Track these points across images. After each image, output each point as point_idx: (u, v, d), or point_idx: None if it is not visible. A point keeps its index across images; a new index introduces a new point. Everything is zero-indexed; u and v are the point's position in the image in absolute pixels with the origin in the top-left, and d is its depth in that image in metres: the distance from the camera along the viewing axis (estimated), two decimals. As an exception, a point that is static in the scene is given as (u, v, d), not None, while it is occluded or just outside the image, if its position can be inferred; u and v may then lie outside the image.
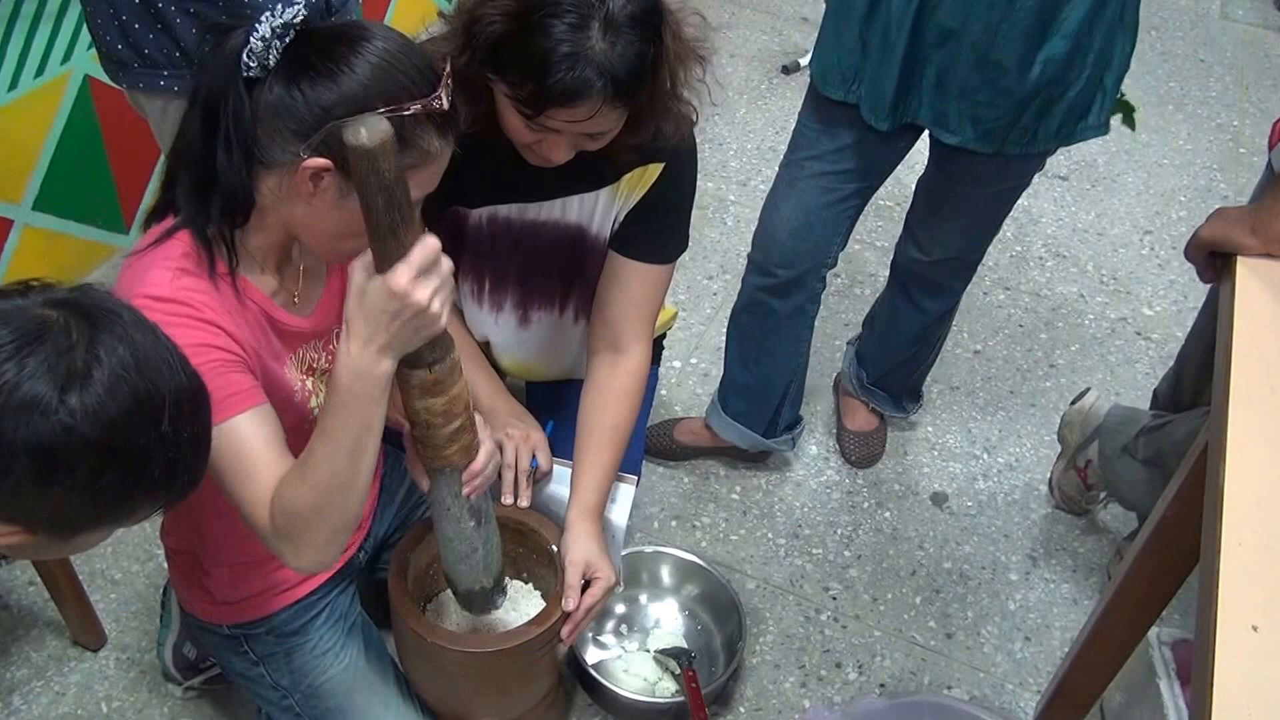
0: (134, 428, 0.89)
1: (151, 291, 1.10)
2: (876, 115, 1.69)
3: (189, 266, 1.12)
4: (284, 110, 1.06)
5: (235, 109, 1.06)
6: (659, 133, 1.39)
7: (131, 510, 0.96)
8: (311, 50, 1.07)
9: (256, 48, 1.04)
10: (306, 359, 1.29)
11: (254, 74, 1.06)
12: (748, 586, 2.03)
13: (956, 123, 1.67)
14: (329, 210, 1.11)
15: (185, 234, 1.13)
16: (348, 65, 1.06)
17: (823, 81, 1.73)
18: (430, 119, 1.09)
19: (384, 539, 1.61)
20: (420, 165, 1.11)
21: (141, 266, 1.13)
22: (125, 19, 1.56)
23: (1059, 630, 2.01)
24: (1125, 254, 2.91)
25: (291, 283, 1.25)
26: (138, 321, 0.93)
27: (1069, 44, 1.58)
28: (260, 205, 1.13)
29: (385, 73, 1.07)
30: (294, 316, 1.25)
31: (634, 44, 1.24)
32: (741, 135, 3.21)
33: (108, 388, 0.87)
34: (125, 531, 2.00)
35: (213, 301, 1.13)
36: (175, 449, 0.92)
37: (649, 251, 1.55)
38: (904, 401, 2.27)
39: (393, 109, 1.06)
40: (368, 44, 1.07)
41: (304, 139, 1.06)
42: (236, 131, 1.07)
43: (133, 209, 2.53)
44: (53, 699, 1.77)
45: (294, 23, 1.06)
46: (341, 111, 1.05)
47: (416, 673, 1.50)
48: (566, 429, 1.63)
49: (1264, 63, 3.79)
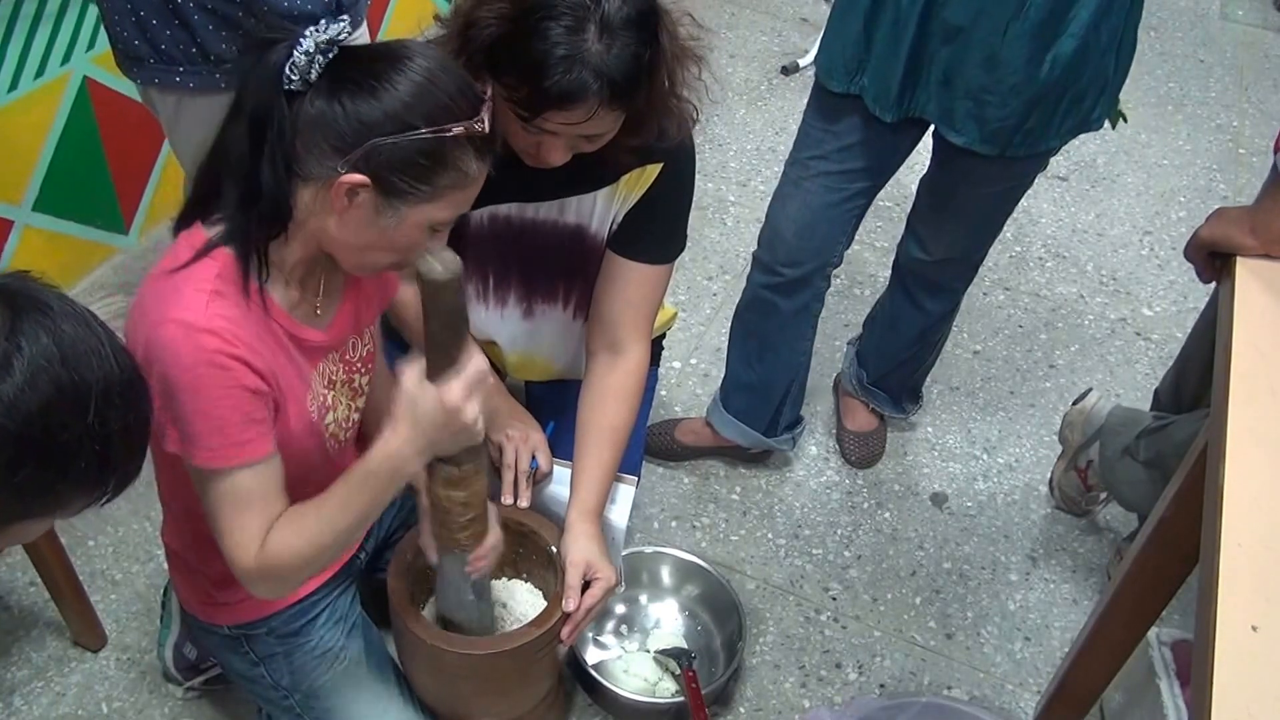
0: (56, 420, 0.86)
1: (185, 317, 1.10)
2: (881, 106, 1.69)
3: (223, 288, 1.12)
4: (324, 124, 1.07)
5: (279, 123, 1.07)
6: (662, 133, 1.39)
7: (60, 503, 0.92)
8: (354, 66, 1.08)
9: (300, 62, 1.05)
10: (326, 372, 1.30)
11: (295, 87, 1.06)
12: (748, 587, 2.04)
13: (962, 122, 1.67)
14: (362, 227, 1.12)
15: (221, 253, 1.13)
16: (389, 82, 1.07)
17: (827, 75, 1.73)
18: (470, 141, 1.10)
19: (384, 540, 1.61)
20: (458, 187, 1.12)
21: (173, 286, 1.12)
22: (143, 14, 1.56)
23: (1059, 630, 2.01)
24: (1125, 254, 2.91)
25: (313, 295, 1.25)
26: (68, 310, 0.90)
27: (1077, 42, 1.58)
28: (296, 219, 1.14)
29: (426, 91, 1.08)
30: (314, 331, 1.25)
31: (630, 46, 1.24)
32: (741, 136, 3.21)
33: (27, 378, 0.84)
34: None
35: (243, 331, 1.13)
36: (104, 442, 0.89)
37: (647, 251, 1.56)
38: (904, 402, 2.27)
39: (436, 130, 1.07)
40: (409, 62, 1.08)
41: (342, 154, 1.07)
42: (280, 145, 1.07)
43: (132, 209, 2.53)
44: (53, 699, 1.77)
45: (339, 39, 1.07)
46: (382, 129, 1.06)
47: (416, 673, 1.50)
48: (566, 429, 1.63)
49: (1263, 63, 3.79)
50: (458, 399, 1.09)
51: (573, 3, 1.22)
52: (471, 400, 1.10)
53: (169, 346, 1.09)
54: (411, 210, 1.11)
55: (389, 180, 1.09)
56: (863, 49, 1.67)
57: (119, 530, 2.02)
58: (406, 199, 1.10)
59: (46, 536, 1.66)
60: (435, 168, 1.09)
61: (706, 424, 2.20)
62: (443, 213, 1.14)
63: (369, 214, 1.11)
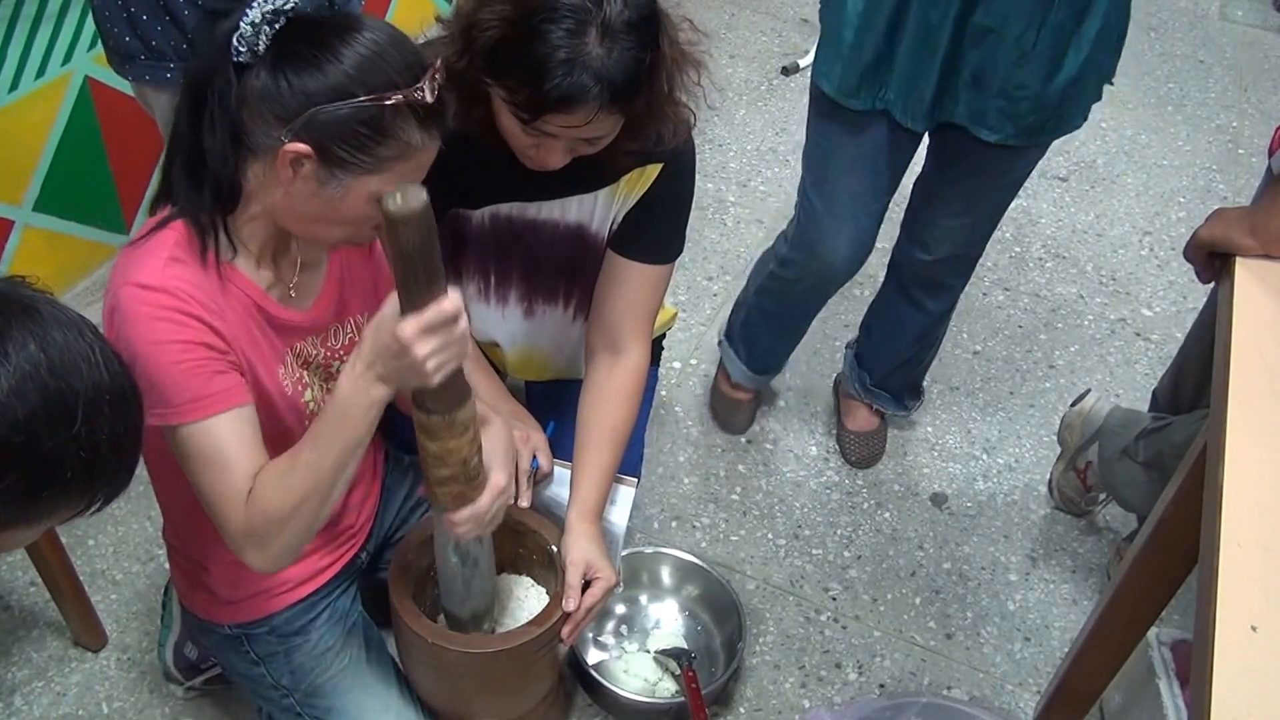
0: (42, 427, 0.85)
1: (141, 279, 1.11)
2: (913, 118, 1.69)
3: (180, 255, 1.14)
4: (269, 96, 1.07)
5: (222, 92, 1.07)
6: (659, 138, 1.40)
7: (47, 512, 0.92)
8: (300, 38, 1.08)
9: (246, 32, 1.06)
10: (304, 353, 1.30)
11: (244, 59, 1.07)
12: (748, 587, 2.04)
13: (996, 120, 1.67)
14: (308, 197, 1.12)
15: (179, 222, 1.15)
16: (334, 54, 1.07)
17: (845, 95, 1.70)
18: (413, 111, 1.10)
19: (385, 539, 1.61)
20: (401, 158, 1.12)
21: (135, 254, 1.14)
22: (133, 10, 1.56)
23: (1059, 630, 2.01)
24: (1125, 255, 2.92)
25: (288, 275, 1.25)
26: (59, 317, 0.90)
27: (1102, 21, 1.58)
28: (247, 191, 1.15)
29: (371, 63, 1.08)
30: (289, 310, 1.25)
31: (631, 50, 1.24)
32: (741, 136, 3.21)
33: (14, 385, 0.84)
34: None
35: (200, 293, 1.14)
36: (92, 450, 0.89)
37: (647, 252, 1.56)
38: (906, 399, 2.28)
39: (374, 98, 1.07)
40: (357, 34, 1.09)
41: (285, 123, 1.07)
42: (222, 115, 1.08)
43: (133, 209, 2.53)
44: (54, 699, 1.77)
45: (284, 9, 1.07)
46: (324, 98, 1.06)
47: (416, 673, 1.50)
48: (567, 430, 1.63)
49: (1263, 64, 3.79)
50: (408, 335, 1.06)
51: (574, 6, 1.22)
52: (423, 340, 1.07)
53: (128, 308, 1.11)
54: (355, 181, 1.12)
55: (330, 150, 1.09)
56: (886, 65, 1.65)
57: (119, 530, 2.02)
58: (349, 169, 1.10)
59: (47, 536, 1.66)
60: (376, 137, 1.09)
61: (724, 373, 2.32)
62: (388, 185, 1.12)
63: (313, 185, 1.11)
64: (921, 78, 1.64)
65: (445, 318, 1.07)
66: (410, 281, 1.06)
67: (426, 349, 1.07)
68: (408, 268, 1.04)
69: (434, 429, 1.20)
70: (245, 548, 1.20)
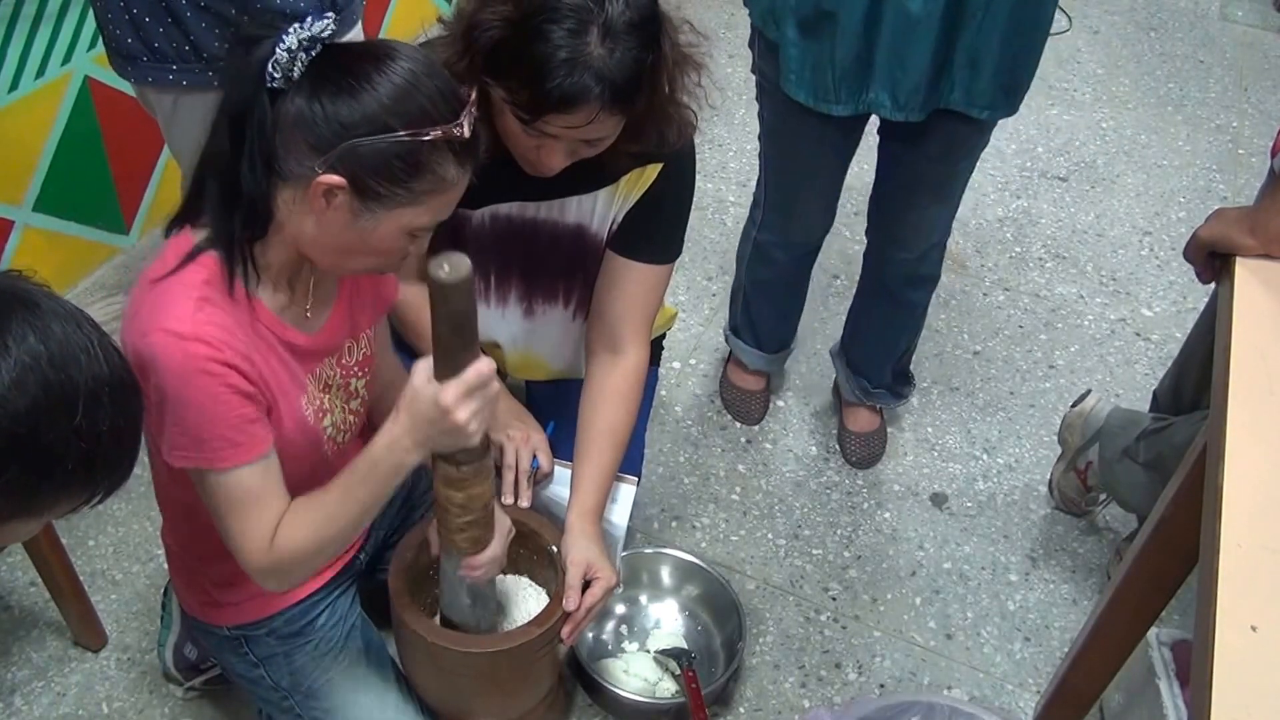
0: (43, 419, 0.86)
1: (173, 326, 1.10)
2: (908, 110, 1.68)
3: (210, 294, 1.13)
4: (303, 123, 1.06)
5: (259, 120, 1.06)
6: (662, 140, 1.40)
7: (48, 504, 0.92)
8: (336, 65, 1.07)
9: (282, 59, 1.05)
10: (322, 376, 1.30)
11: (278, 85, 1.06)
12: (748, 587, 2.04)
13: (989, 97, 1.68)
14: (340, 229, 1.12)
15: (208, 258, 1.14)
16: (369, 83, 1.06)
17: (826, 103, 1.70)
18: (450, 146, 1.10)
19: (384, 540, 1.61)
20: (436, 192, 1.12)
21: (164, 294, 1.12)
22: (136, 12, 1.56)
23: (1059, 630, 2.01)
24: (1125, 255, 2.92)
25: (302, 298, 1.25)
26: (57, 309, 0.90)
27: None
28: (276, 219, 1.14)
29: (406, 93, 1.07)
30: (304, 334, 1.25)
31: (632, 51, 1.24)
32: (741, 136, 3.21)
33: (14, 378, 0.84)
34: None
35: (232, 338, 1.13)
36: (93, 442, 0.89)
37: (647, 252, 1.56)
38: (902, 390, 2.29)
39: (414, 133, 1.06)
40: (392, 63, 1.07)
41: (320, 154, 1.06)
42: (260, 143, 1.07)
43: (133, 210, 2.53)
44: (54, 699, 1.77)
45: (321, 36, 1.06)
46: (360, 129, 1.06)
47: (417, 673, 1.50)
48: (567, 430, 1.63)
49: (1263, 64, 3.79)
50: (450, 400, 1.10)
51: (575, 6, 1.22)
52: (465, 403, 1.10)
53: (160, 356, 1.09)
54: (389, 214, 1.11)
55: (366, 183, 1.08)
56: (865, 67, 1.65)
57: (119, 530, 2.02)
58: (384, 202, 1.10)
59: (47, 536, 1.66)
60: (412, 172, 1.09)
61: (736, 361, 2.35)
62: (421, 218, 1.13)
63: (346, 216, 1.10)
64: (913, 71, 1.63)
65: (484, 379, 1.11)
66: (454, 345, 1.09)
67: (468, 412, 1.11)
68: (454, 332, 1.07)
69: (462, 480, 1.23)
70: (265, 580, 1.25)
